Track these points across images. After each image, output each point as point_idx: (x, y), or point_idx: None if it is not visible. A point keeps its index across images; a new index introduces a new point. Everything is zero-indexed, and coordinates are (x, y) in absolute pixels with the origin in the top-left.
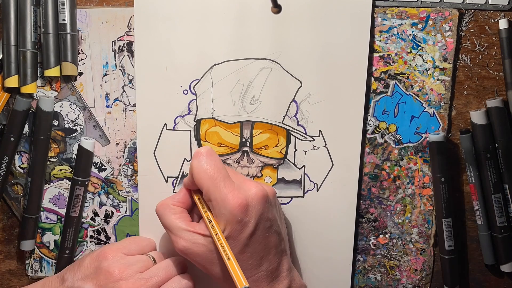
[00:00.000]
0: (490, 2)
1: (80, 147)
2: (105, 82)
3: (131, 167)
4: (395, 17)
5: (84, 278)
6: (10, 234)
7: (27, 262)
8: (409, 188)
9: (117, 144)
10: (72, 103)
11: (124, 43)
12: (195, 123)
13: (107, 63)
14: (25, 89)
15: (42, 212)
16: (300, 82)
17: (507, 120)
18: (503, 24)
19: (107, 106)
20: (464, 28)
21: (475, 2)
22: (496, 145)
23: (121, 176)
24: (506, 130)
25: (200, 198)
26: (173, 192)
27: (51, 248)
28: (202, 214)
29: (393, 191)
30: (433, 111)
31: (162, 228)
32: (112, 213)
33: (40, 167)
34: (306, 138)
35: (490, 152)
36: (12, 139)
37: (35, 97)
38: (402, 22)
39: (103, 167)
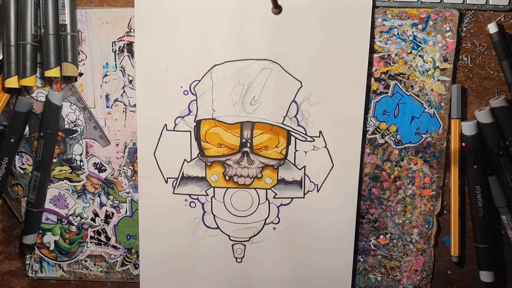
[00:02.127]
0: (490, 3)
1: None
2: (105, 82)
3: (131, 167)
4: (396, 17)
5: None
6: (10, 235)
7: (27, 262)
8: (410, 189)
9: (117, 144)
10: (72, 104)
11: (124, 44)
12: (195, 123)
13: (107, 63)
14: (24, 82)
15: (42, 213)
16: (300, 82)
17: None
18: (492, 28)
19: (107, 107)
20: (464, 29)
21: (475, 3)
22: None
23: (121, 176)
24: None
25: None
26: (173, 193)
27: (51, 248)
28: None
29: (393, 191)
30: (434, 112)
31: (162, 228)
32: (112, 213)
33: (48, 161)
34: (306, 138)
35: (502, 148)
36: (12, 140)
37: (35, 98)
38: (403, 22)
39: (103, 167)
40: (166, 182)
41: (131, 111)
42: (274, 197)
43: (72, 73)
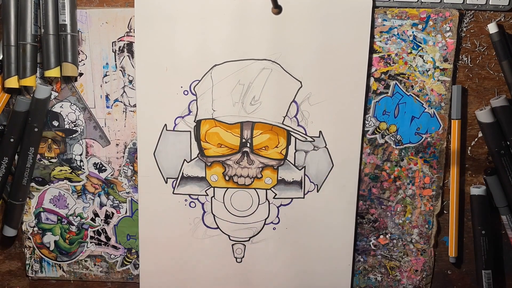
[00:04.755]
0: (490, 3)
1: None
2: (105, 82)
3: (131, 167)
4: (396, 17)
5: None
6: None
7: (27, 263)
8: (410, 189)
9: (117, 145)
10: (72, 104)
11: (124, 44)
12: (195, 123)
13: (107, 63)
14: (24, 82)
15: (42, 213)
16: (300, 82)
17: None
18: (492, 28)
19: (107, 107)
20: (464, 29)
21: (476, 3)
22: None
23: (121, 177)
24: None
25: None
26: (173, 193)
27: (51, 249)
28: None
29: (393, 191)
30: (434, 112)
31: (162, 228)
32: (112, 213)
33: (26, 155)
34: (306, 138)
35: (503, 148)
36: (12, 139)
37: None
38: (403, 22)
39: (103, 167)
40: (166, 182)
41: (131, 111)
42: (274, 197)
43: (72, 73)
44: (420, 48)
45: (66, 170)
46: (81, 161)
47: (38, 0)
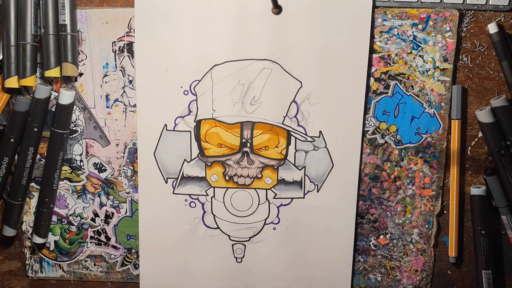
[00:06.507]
0: (490, 3)
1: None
2: (105, 82)
3: (131, 167)
4: (396, 17)
5: None
6: None
7: (27, 263)
8: (410, 189)
9: (117, 145)
10: None
11: (124, 44)
12: (195, 123)
13: (107, 63)
14: (24, 82)
15: None
16: (301, 82)
17: None
18: (492, 28)
19: (107, 107)
20: (464, 29)
21: (476, 3)
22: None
23: (121, 177)
24: None
25: None
26: (173, 193)
27: (51, 248)
28: None
29: (393, 191)
30: (434, 112)
31: (162, 228)
32: (112, 213)
33: (26, 154)
34: (306, 138)
35: (503, 148)
36: (12, 140)
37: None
38: (403, 22)
39: (103, 167)
40: (166, 182)
41: (131, 111)
42: (274, 197)
43: (72, 73)
44: (420, 48)
45: (66, 170)
46: (81, 161)
47: (38, 0)
